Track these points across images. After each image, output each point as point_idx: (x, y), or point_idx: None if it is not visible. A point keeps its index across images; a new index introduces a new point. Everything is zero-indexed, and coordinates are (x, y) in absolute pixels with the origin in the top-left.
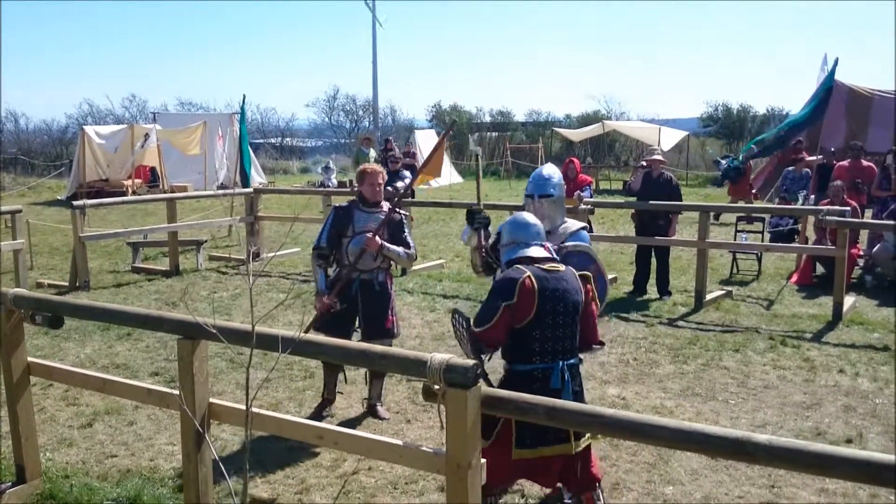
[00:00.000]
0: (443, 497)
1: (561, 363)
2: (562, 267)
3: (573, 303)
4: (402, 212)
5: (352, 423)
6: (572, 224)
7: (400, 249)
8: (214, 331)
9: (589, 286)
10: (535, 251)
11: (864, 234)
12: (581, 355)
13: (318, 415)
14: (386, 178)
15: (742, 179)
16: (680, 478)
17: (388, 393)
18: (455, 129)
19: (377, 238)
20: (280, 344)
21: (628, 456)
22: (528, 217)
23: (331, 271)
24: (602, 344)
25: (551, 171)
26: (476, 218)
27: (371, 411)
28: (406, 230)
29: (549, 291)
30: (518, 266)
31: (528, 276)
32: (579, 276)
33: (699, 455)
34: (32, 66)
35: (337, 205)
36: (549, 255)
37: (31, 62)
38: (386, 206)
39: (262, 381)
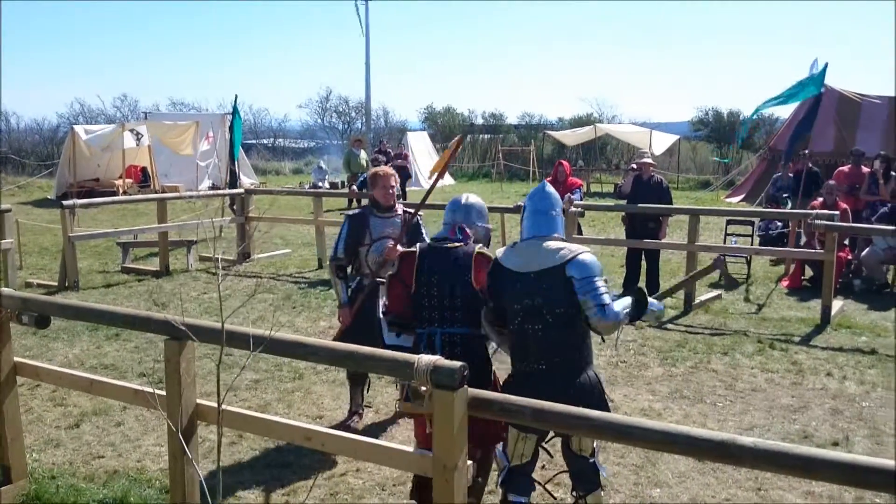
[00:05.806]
0: None
1: (438, 330)
2: (460, 245)
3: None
4: (412, 212)
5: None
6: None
7: None
8: (185, 328)
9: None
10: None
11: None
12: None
13: (343, 426)
14: (398, 180)
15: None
16: (667, 480)
17: (378, 394)
18: (463, 144)
19: (398, 246)
20: (251, 342)
21: (616, 458)
22: (456, 201)
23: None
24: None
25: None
26: None
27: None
28: (423, 231)
29: (427, 265)
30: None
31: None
32: (479, 255)
33: (686, 457)
34: (23, 65)
35: (350, 213)
36: (454, 237)
37: (22, 61)
38: (400, 209)
39: (233, 377)
